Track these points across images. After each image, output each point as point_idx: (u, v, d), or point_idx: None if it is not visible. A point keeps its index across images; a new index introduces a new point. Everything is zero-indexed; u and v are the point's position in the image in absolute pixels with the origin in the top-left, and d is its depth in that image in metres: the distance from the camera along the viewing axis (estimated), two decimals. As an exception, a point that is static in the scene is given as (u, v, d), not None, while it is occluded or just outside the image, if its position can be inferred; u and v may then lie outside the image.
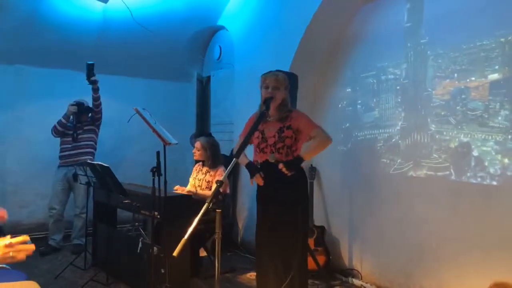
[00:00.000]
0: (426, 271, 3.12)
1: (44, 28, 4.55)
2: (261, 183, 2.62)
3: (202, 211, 1.70)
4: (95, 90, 4.32)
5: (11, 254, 1.41)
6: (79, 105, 4.39)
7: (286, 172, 2.49)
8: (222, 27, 5.19)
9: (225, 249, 4.38)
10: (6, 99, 4.61)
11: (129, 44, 5.00)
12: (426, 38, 3.24)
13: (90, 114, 4.53)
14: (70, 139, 4.41)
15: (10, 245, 1.41)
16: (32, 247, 1.46)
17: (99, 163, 3.25)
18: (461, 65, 3.00)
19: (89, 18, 4.69)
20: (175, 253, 1.61)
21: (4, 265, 2.43)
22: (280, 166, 2.50)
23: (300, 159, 2.59)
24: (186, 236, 1.63)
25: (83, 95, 4.51)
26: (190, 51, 5.52)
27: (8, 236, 1.47)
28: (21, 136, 4.74)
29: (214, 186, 3.35)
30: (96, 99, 4.38)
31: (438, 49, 3.13)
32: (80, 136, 4.43)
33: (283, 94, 2.69)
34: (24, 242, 1.45)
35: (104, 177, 3.30)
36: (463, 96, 3.02)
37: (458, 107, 3.05)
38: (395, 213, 3.40)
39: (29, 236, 4.51)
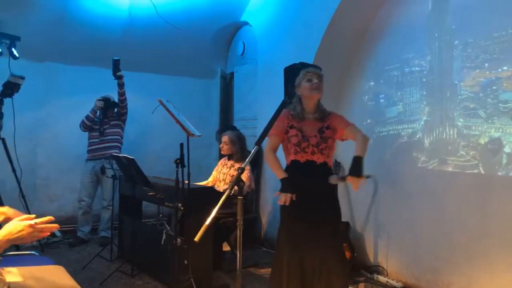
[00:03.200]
0: (455, 268, 3.02)
1: (72, 26, 4.67)
2: (286, 202, 2.40)
3: (223, 197, 1.69)
4: (121, 85, 4.42)
5: (35, 233, 1.45)
6: (106, 100, 4.51)
7: (359, 183, 2.28)
8: (245, 23, 5.19)
9: (248, 244, 4.38)
10: (37, 95, 4.75)
11: (154, 42, 5.07)
12: (453, 26, 3.13)
13: (116, 109, 4.63)
14: (97, 133, 4.54)
15: (33, 226, 1.45)
16: (55, 226, 1.50)
17: (125, 155, 3.31)
18: (492, 54, 2.86)
19: (115, 15, 4.79)
20: (196, 239, 1.61)
21: (33, 252, 2.52)
22: (355, 180, 2.28)
23: (361, 159, 2.38)
24: (207, 222, 1.63)
25: (110, 91, 4.62)
26: (214, 48, 5.55)
27: (33, 216, 1.52)
28: (51, 131, 4.90)
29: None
30: (121, 94, 4.47)
31: (467, 38, 3.01)
32: (106, 131, 4.55)
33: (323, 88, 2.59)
34: (48, 222, 1.49)
35: (129, 169, 3.35)
36: (494, 88, 2.87)
37: (488, 99, 2.90)
38: (422, 208, 3.30)
39: (58, 229, 4.63)
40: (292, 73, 3.56)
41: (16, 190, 4.07)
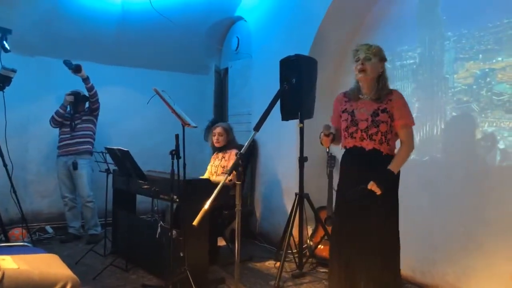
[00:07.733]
0: (451, 258, 3.03)
1: (65, 20, 4.62)
2: (326, 143, 2.46)
3: (221, 182, 1.67)
4: (85, 80, 4.30)
5: None
6: (76, 94, 4.43)
7: (377, 191, 2.20)
8: (240, 18, 5.18)
9: (243, 238, 4.35)
10: (28, 90, 4.68)
11: (148, 37, 5.04)
12: (443, 17, 3.13)
13: (87, 104, 4.55)
14: (68, 129, 4.44)
15: None
16: None
17: (119, 147, 3.27)
18: (486, 45, 2.87)
19: (109, 10, 4.75)
20: (195, 223, 1.60)
21: (26, 243, 2.48)
22: (370, 185, 2.21)
23: (392, 174, 2.25)
24: (206, 206, 1.61)
25: (103, 86, 4.59)
26: (208, 43, 5.53)
27: None
28: (42, 126, 4.80)
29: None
30: (89, 89, 4.36)
31: (461, 29, 3.02)
32: (78, 126, 4.44)
33: (377, 66, 2.33)
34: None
35: (123, 162, 3.32)
36: (488, 79, 2.87)
37: (482, 92, 2.90)
38: (418, 199, 3.31)
39: (50, 225, 4.52)
40: (287, 64, 3.57)
41: (8, 186, 4.00)
